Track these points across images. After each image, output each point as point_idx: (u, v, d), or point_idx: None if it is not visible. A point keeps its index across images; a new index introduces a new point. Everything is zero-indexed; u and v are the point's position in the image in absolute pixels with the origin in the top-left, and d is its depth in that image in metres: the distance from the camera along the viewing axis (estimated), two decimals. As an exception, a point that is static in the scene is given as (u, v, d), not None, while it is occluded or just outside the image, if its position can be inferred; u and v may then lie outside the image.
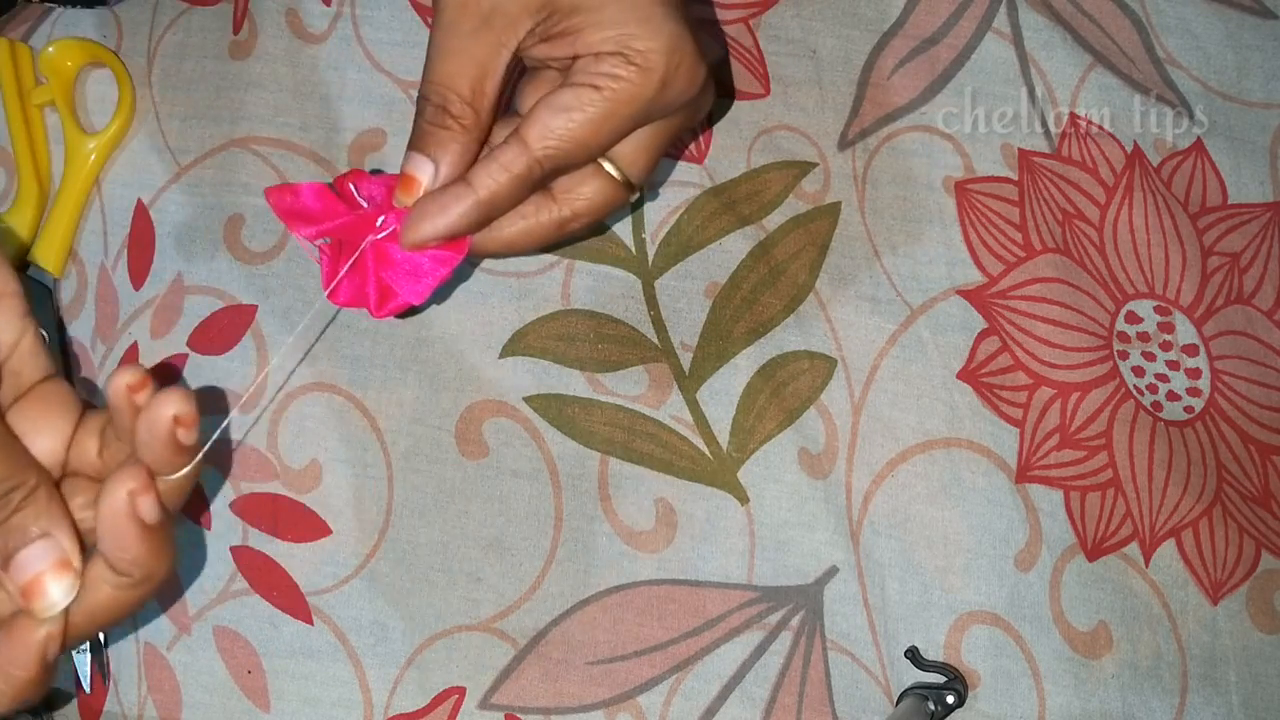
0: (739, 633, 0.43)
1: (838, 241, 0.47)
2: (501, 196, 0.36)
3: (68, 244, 0.46)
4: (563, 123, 0.35)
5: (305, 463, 0.44)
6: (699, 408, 0.45)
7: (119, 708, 0.43)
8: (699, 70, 0.36)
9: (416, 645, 0.43)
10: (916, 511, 0.45)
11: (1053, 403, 0.46)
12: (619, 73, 0.35)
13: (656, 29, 0.35)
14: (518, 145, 0.35)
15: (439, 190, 0.36)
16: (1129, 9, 0.51)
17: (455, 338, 0.46)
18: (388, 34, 0.49)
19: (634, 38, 0.35)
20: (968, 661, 0.43)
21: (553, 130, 0.35)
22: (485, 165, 0.35)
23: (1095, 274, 0.47)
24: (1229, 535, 0.45)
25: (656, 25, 0.35)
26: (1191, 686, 0.44)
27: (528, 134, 0.35)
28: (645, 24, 0.35)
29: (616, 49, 0.35)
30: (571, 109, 0.35)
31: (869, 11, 0.50)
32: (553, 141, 0.35)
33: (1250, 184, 0.50)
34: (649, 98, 0.35)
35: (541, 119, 0.35)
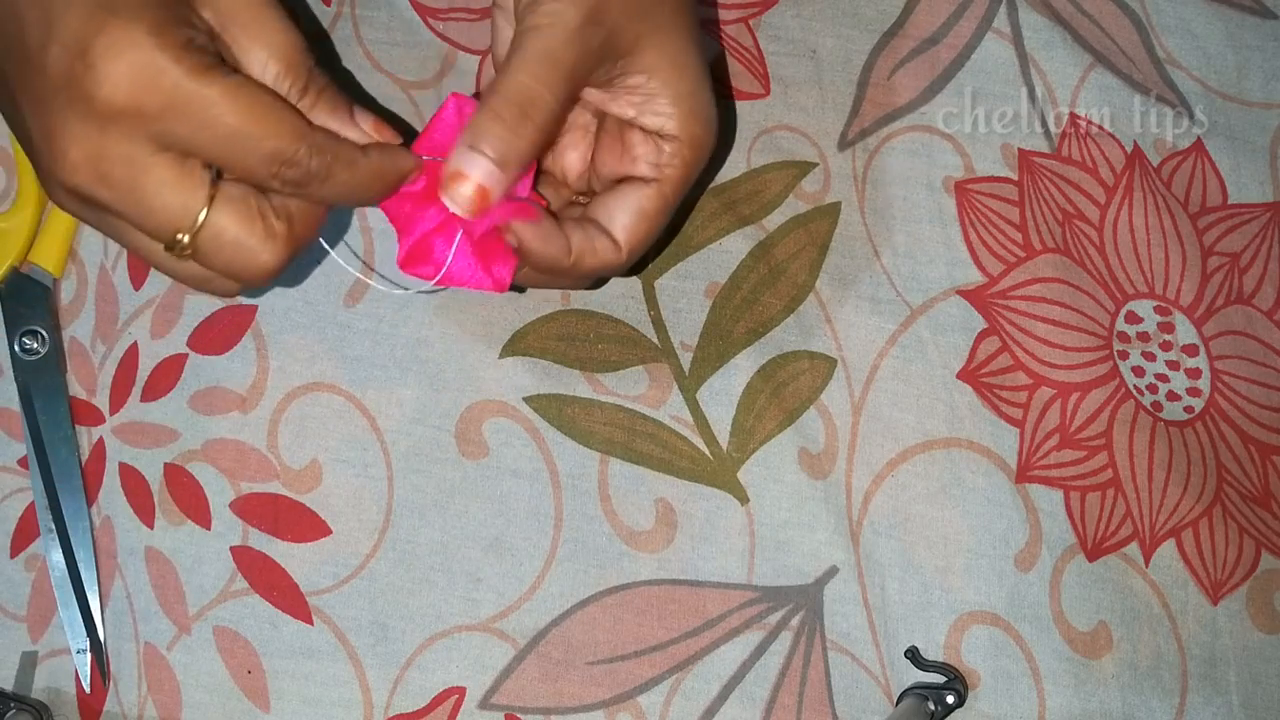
0: (739, 633, 0.43)
1: (838, 241, 0.47)
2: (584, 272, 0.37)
3: (67, 244, 0.46)
4: (645, 226, 0.38)
5: (305, 463, 0.44)
6: (699, 408, 0.45)
7: (119, 708, 0.43)
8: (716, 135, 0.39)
9: (416, 645, 0.43)
10: (916, 511, 0.45)
11: (1053, 403, 0.46)
12: (681, 162, 0.37)
13: (711, 112, 0.38)
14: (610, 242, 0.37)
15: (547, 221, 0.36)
16: (1129, 9, 0.51)
17: (455, 338, 0.46)
18: (388, 34, 0.49)
19: (698, 124, 0.37)
20: (968, 661, 0.43)
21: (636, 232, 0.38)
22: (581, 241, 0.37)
23: (1095, 274, 0.47)
24: (1229, 535, 0.45)
25: (711, 110, 0.38)
26: (1191, 686, 0.44)
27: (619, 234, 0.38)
28: (705, 112, 0.38)
29: (680, 134, 0.37)
30: (647, 213, 0.38)
31: (869, 11, 0.50)
32: (638, 239, 0.38)
33: (1250, 184, 0.50)
34: (695, 178, 0.38)
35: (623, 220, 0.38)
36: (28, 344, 0.44)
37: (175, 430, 0.44)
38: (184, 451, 0.44)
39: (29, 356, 0.44)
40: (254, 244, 0.32)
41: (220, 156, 0.31)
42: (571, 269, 0.37)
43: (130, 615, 0.43)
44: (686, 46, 0.37)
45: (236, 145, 0.30)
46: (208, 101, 0.30)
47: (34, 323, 0.44)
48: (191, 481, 0.44)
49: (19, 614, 0.43)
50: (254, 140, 0.30)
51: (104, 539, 0.44)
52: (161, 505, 0.44)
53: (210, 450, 0.44)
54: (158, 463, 0.44)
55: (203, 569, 0.44)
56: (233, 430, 0.44)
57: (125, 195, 0.31)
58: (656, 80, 0.37)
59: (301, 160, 0.31)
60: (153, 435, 0.45)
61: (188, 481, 0.44)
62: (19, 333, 0.44)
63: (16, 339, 0.44)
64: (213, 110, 0.30)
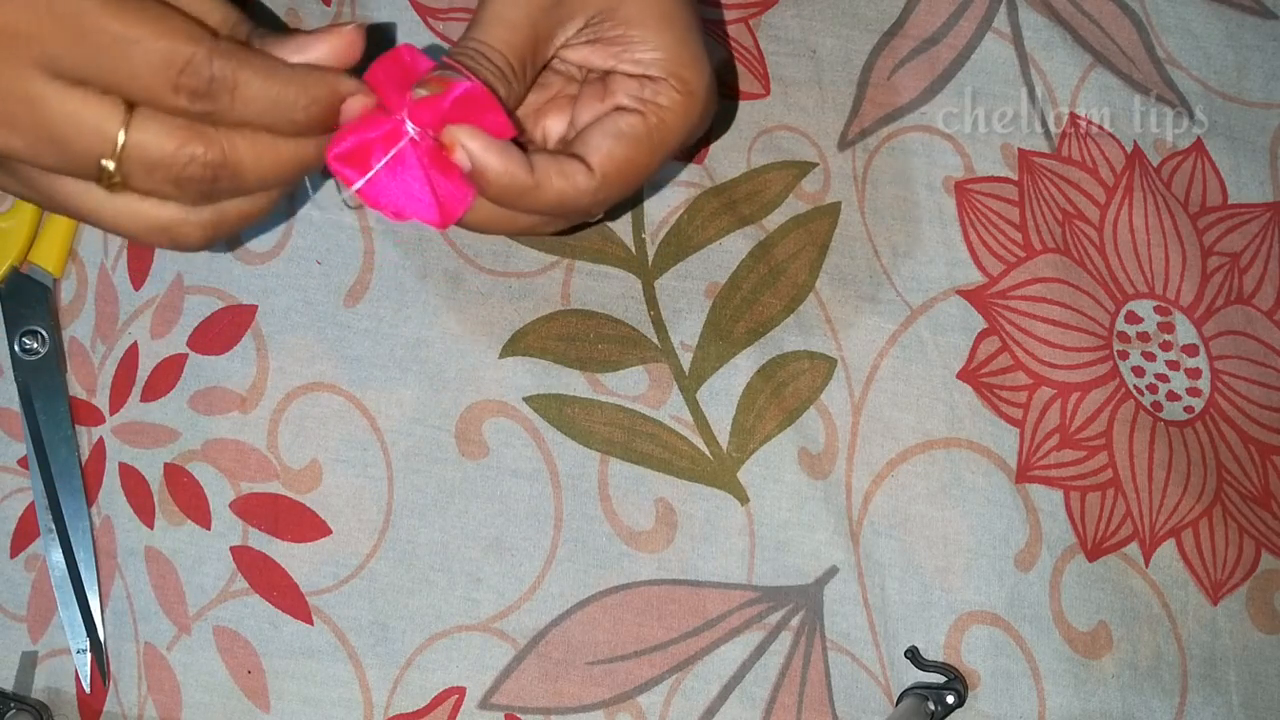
0: (739, 633, 0.43)
1: (838, 241, 0.47)
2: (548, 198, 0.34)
3: (67, 244, 0.46)
4: (623, 150, 0.35)
5: (305, 463, 0.44)
6: (699, 408, 0.45)
7: (119, 708, 0.43)
8: (714, 105, 0.37)
9: (416, 645, 0.43)
10: (916, 511, 0.45)
11: (1053, 403, 0.46)
12: (668, 101, 0.35)
13: (703, 63, 0.36)
14: (581, 165, 0.34)
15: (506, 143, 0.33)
16: (1129, 9, 0.51)
17: (455, 338, 0.46)
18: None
19: (685, 66, 0.35)
20: (968, 661, 0.43)
21: (613, 155, 0.35)
22: (544, 163, 0.34)
23: (1095, 274, 0.47)
24: (1229, 535, 0.45)
25: (703, 60, 0.36)
26: (1191, 686, 0.44)
27: (591, 157, 0.34)
28: (695, 58, 0.36)
29: (666, 74, 0.35)
30: (625, 136, 0.35)
31: (869, 11, 0.50)
32: (613, 166, 0.35)
33: (1250, 184, 0.50)
34: (693, 126, 0.36)
35: (598, 144, 0.35)
36: (28, 344, 0.44)
37: (175, 430, 0.45)
38: (184, 451, 0.44)
39: (29, 356, 0.44)
40: (190, 152, 0.29)
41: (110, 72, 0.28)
42: (535, 193, 0.33)
43: (130, 615, 0.43)
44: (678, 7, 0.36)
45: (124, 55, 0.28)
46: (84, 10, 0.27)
47: (34, 323, 0.44)
48: (191, 481, 0.44)
49: (19, 614, 0.43)
50: (141, 46, 0.28)
51: (104, 539, 0.44)
52: (161, 505, 0.44)
53: (210, 450, 0.44)
54: (158, 463, 0.44)
55: (203, 569, 0.44)
56: (233, 430, 0.44)
57: (34, 135, 0.28)
58: (637, 30, 0.35)
59: (201, 65, 0.28)
60: (153, 435, 0.45)
61: (188, 481, 0.44)
62: (19, 333, 0.44)
63: (16, 339, 0.44)
64: (89, 18, 0.27)
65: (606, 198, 0.35)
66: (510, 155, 0.33)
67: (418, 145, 0.32)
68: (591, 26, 0.36)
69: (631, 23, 0.35)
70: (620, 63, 0.36)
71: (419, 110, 0.32)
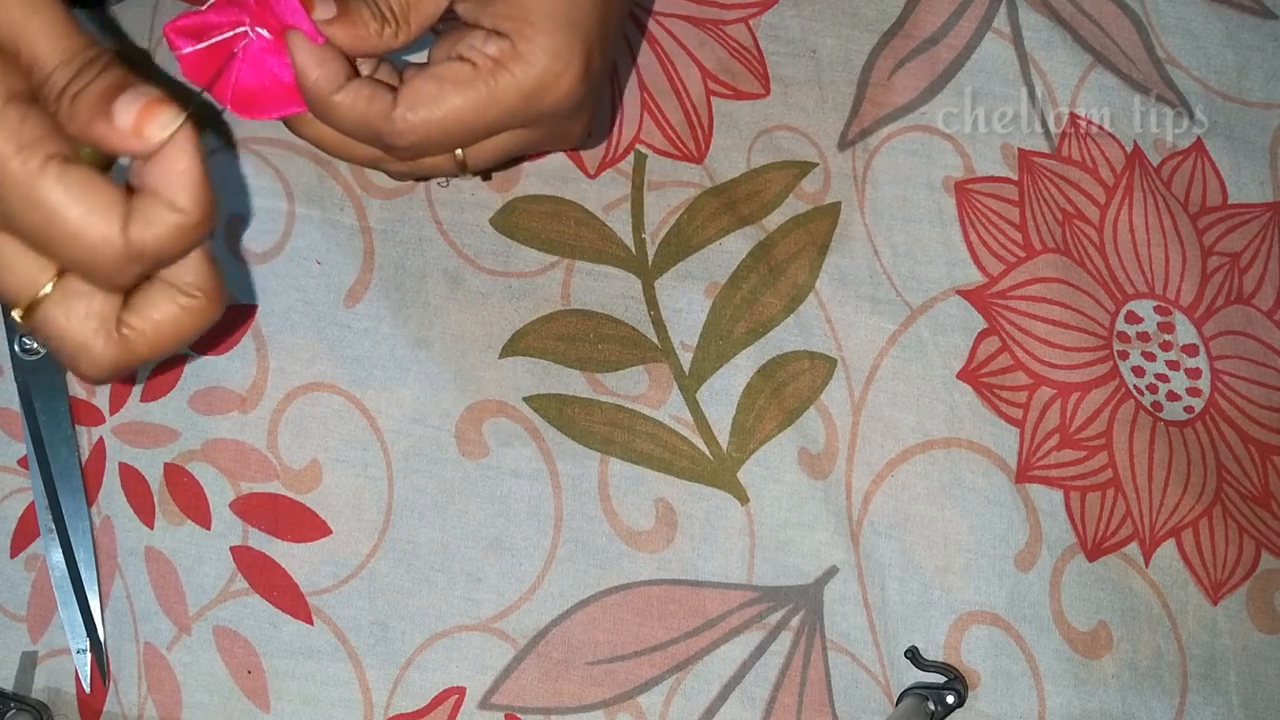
0: (739, 633, 0.43)
1: (838, 241, 0.47)
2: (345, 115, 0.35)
3: (68, 244, 0.46)
4: (433, 90, 0.34)
5: (305, 463, 0.44)
6: (699, 408, 0.45)
7: (119, 708, 0.43)
8: (580, 92, 0.36)
9: (416, 645, 0.43)
10: (916, 511, 0.45)
11: (1053, 403, 0.46)
12: (499, 57, 0.34)
13: (554, 28, 0.34)
14: (388, 95, 0.34)
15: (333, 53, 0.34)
16: (1129, 9, 0.51)
17: (455, 338, 0.46)
18: (388, 34, 0.49)
19: (529, 26, 0.34)
20: (968, 661, 0.43)
21: (421, 95, 0.34)
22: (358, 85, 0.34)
23: (1095, 274, 0.47)
24: (1229, 535, 0.45)
25: (556, 25, 0.34)
26: (1191, 686, 0.44)
27: (401, 91, 0.35)
28: (547, 19, 0.34)
29: (509, 32, 0.34)
30: (444, 80, 0.34)
31: (869, 11, 0.50)
32: (420, 108, 0.34)
33: (1250, 184, 0.50)
34: (524, 94, 0.35)
35: (414, 83, 0.34)
36: (28, 344, 0.44)
37: (175, 430, 0.45)
38: (184, 451, 0.44)
39: (29, 356, 0.44)
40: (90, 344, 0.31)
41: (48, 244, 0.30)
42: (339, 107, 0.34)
43: (130, 615, 0.43)
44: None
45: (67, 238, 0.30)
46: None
47: (34, 323, 0.44)
48: (191, 481, 0.44)
49: (19, 614, 0.43)
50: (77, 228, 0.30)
51: (104, 539, 0.44)
52: (161, 505, 0.44)
53: (210, 450, 0.44)
54: (158, 463, 0.44)
55: (203, 569, 0.44)
56: (233, 430, 0.44)
57: None
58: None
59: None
60: (153, 435, 0.45)
61: (188, 481, 0.44)
62: (19, 333, 0.44)
63: (16, 339, 0.44)
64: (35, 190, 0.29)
65: (406, 134, 0.35)
66: (325, 64, 0.34)
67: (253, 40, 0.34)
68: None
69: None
70: (481, 14, 0.35)
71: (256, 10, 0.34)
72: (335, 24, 0.34)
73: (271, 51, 0.34)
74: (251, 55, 0.34)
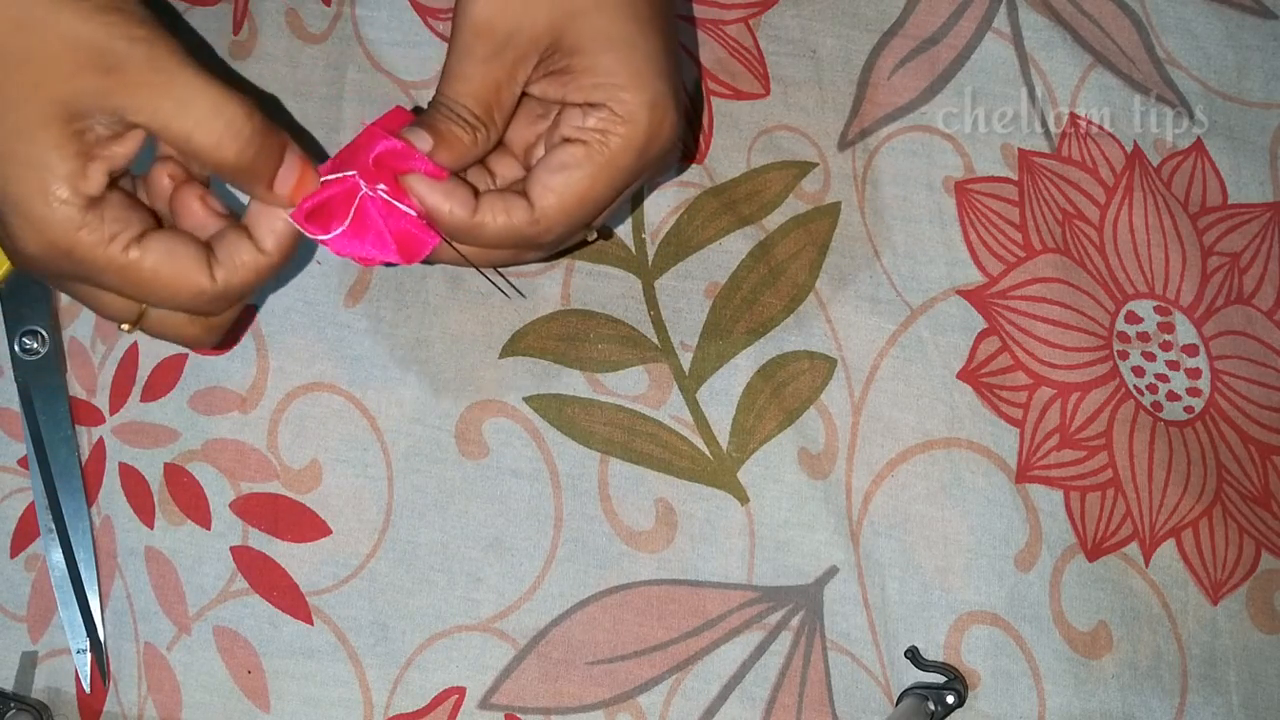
0: (739, 633, 0.43)
1: (838, 241, 0.47)
2: (492, 232, 0.36)
3: (68, 244, 0.46)
4: (561, 181, 0.36)
5: (305, 463, 0.44)
6: (699, 408, 0.45)
7: (119, 708, 0.43)
8: (679, 126, 0.37)
9: (416, 645, 0.43)
10: (916, 511, 0.45)
11: (1053, 403, 0.46)
12: (605, 127, 0.36)
13: (643, 83, 0.36)
14: (522, 200, 0.36)
15: (454, 181, 0.36)
16: (1129, 9, 0.51)
17: (455, 338, 0.46)
18: (388, 34, 0.49)
19: (621, 89, 0.35)
20: (968, 661, 0.43)
21: (551, 188, 0.36)
22: (491, 201, 0.36)
23: (1095, 274, 0.47)
24: (1229, 535, 0.45)
25: (643, 80, 0.36)
26: (1191, 686, 0.44)
27: (531, 190, 0.36)
28: (634, 77, 0.35)
29: (605, 100, 0.36)
30: (568, 166, 0.36)
31: (869, 11, 0.50)
32: (553, 199, 0.36)
33: (1250, 184, 0.50)
34: (637, 151, 0.36)
35: (540, 178, 0.36)
36: (28, 344, 0.44)
37: (175, 430, 0.45)
38: (184, 451, 0.44)
39: (29, 356, 0.44)
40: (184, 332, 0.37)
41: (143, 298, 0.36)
42: (480, 228, 0.36)
43: (130, 615, 0.43)
44: (624, 24, 0.36)
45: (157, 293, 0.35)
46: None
47: (34, 323, 0.44)
48: (191, 481, 0.44)
49: (19, 614, 0.43)
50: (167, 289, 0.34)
51: (104, 539, 0.44)
52: (161, 505, 0.44)
53: (210, 450, 0.44)
54: (158, 463, 0.44)
55: (203, 569, 0.44)
56: (233, 430, 0.44)
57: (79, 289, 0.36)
58: (578, 58, 0.35)
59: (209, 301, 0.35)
60: (153, 435, 0.45)
61: (188, 481, 0.44)
62: (19, 333, 0.44)
63: (16, 339, 0.44)
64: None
65: (551, 228, 0.36)
66: (453, 195, 0.35)
67: (373, 198, 0.35)
68: (545, 61, 0.36)
69: (574, 51, 0.36)
70: (567, 92, 0.36)
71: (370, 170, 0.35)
72: (436, 151, 0.36)
73: (397, 199, 0.35)
74: (381, 209, 0.35)
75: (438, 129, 0.36)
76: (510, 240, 0.36)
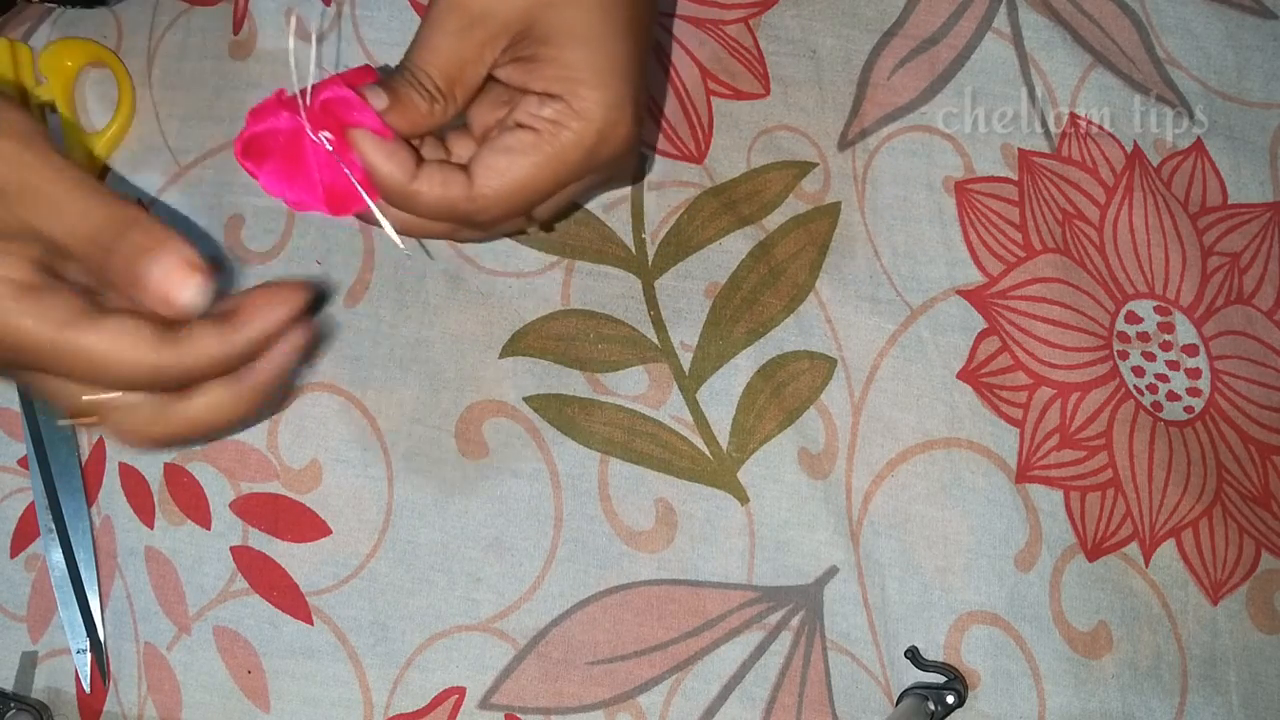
0: (739, 633, 0.43)
1: (838, 241, 0.47)
2: (427, 201, 0.36)
3: (68, 244, 0.46)
4: (504, 162, 0.36)
5: (305, 463, 0.44)
6: (699, 408, 0.45)
7: (119, 708, 0.43)
8: (634, 136, 0.37)
9: (416, 645, 0.43)
10: (916, 511, 0.45)
11: (1053, 403, 0.46)
12: (559, 119, 0.36)
13: (604, 82, 0.36)
14: (462, 175, 0.36)
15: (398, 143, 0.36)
16: (1129, 9, 0.51)
17: (455, 338, 0.46)
18: (388, 34, 0.49)
19: (581, 84, 0.36)
20: (968, 661, 0.43)
21: (494, 168, 0.36)
22: (431, 170, 0.36)
23: (1095, 274, 0.47)
24: (1229, 535, 0.45)
25: (605, 79, 0.36)
26: (1191, 686, 0.44)
27: (474, 168, 0.36)
28: (596, 75, 0.36)
29: (562, 93, 0.36)
30: (513, 150, 0.36)
31: (869, 11, 0.50)
32: (494, 180, 0.36)
33: (1250, 184, 0.50)
34: (587, 148, 0.36)
35: (484, 158, 0.36)
36: (28, 344, 0.44)
37: (175, 430, 0.44)
38: (184, 451, 0.44)
39: (29, 356, 0.44)
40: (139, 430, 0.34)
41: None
42: (417, 196, 0.36)
43: (130, 615, 0.43)
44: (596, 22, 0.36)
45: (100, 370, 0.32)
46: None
47: (34, 323, 0.44)
48: (191, 481, 0.44)
49: (19, 614, 0.43)
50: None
51: (104, 539, 0.44)
52: (161, 505, 0.44)
53: (210, 450, 0.44)
54: (158, 463, 0.44)
55: (203, 569, 0.44)
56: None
57: None
58: (546, 49, 0.36)
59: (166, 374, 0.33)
60: (153, 435, 0.45)
61: (188, 481, 0.44)
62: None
63: (16, 339, 0.44)
64: None
65: (487, 208, 0.36)
66: (394, 156, 0.35)
67: (315, 144, 0.35)
68: (514, 46, 0.36)
69: (543, 41, 0.36)
70: (530, 80, 0.36)
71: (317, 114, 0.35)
72: (390, 112, 0.35)
73: (338, 150, 0.35)
74: (321, 158, 0.35)
75: (396, 91, 0.35)
76: (445, 213, 0.36)
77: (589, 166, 0.37)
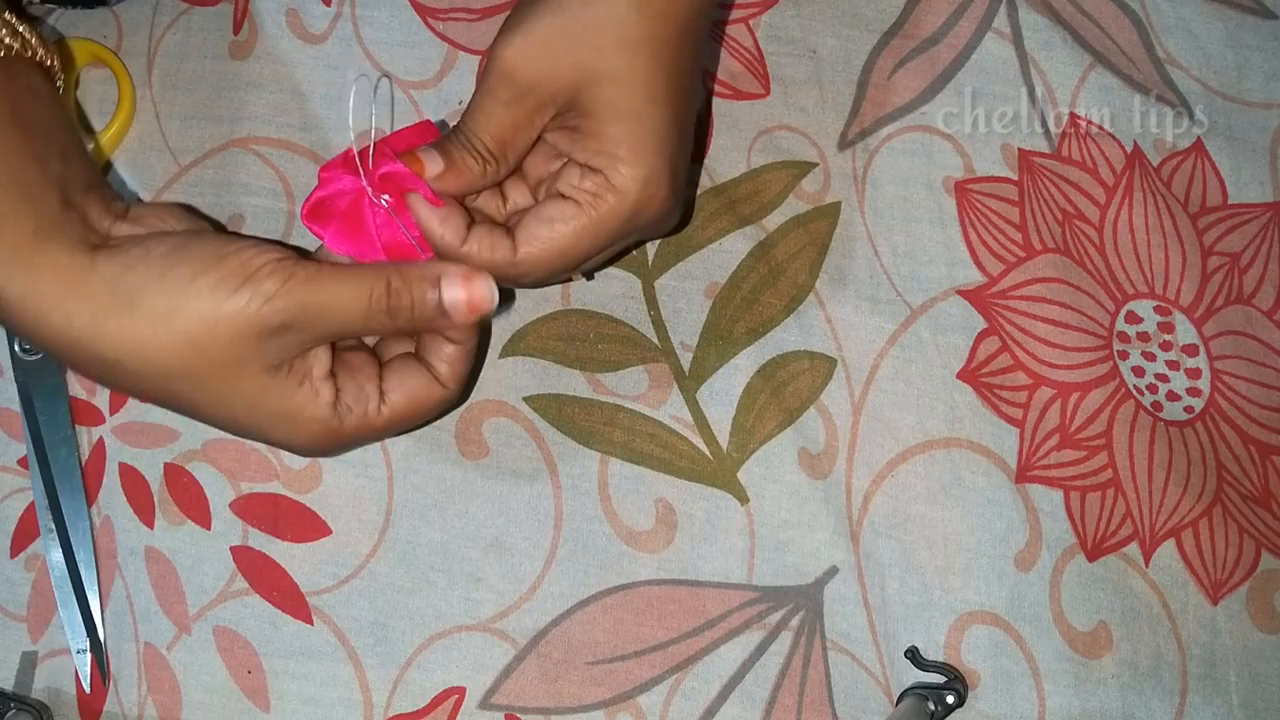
0: (739, 633, 0.43)
1: (838, 241, 0.47)
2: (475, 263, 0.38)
3: (68, 244, 0.46)
4: (546, 232, 0.38)
5: (305, 462, 0.44)
6: (699, 408, 0.45)
7: (119, 708, 0.43)
8: (670, 204, 0.39)
9: (416, 645, 0.43)
10: (916, 511, 0.45)
11: (1053, 403, 0.46)
12: (598, 192, 0.38)
13: (641, 159, 0.38)
14: (508, 240, 0.38)
15: (450, 209, 0.38)
16: (1129, 9, 0.51)
17: (455, 338, 0.46)
18: (388, 34, 0.49)
19: (619, 161, 0.38)
20: (968, 661, 0.43)
21: (536, 236, 0.38)
22: (480, 234, 0.38)
23: (1095, 274, 0.47)
24: (1229, 535, 0.45)
25: (642, 157, 0.38)
26: (1191, 686, 0.44)
27: (518, 234, 0.38)
28: (634, 153, 0.38)
29: (602, 167, 0.38)
30: (555, 220, 0.38)
31: (869, 11, 0.50)
32: (535, 246, 0.38)
33: (1250, 184, 0.50)
34: (624, 219, 0.38)
35: (528, 226, 0.38)
36: (27, 344, 0.44)
37: (175, 430, 0.45)
38: (184, 451, 0.44)
39: (29, 356, 0.44)
40: None
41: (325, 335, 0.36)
42: (466, 258, 0.38)
43: (130, 615, 0.43)
44: (636, 99, 0.38)
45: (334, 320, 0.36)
46: None
47: (34, 323, 0.44)
48: (191, 481, 0.44)
49: (19, 614, 0.43)
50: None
51: (104, 539, 0.44)
52: (161, 505, 0.44)
53: (210, 450, 0.44)
54: (158, 463, 0.44)
55: (203, 569, 0.44)
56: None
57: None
58: (589, 121, 0.38)
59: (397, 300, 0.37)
60: (153, 435, 0.45)
61: (188, 481, 0.44)
62: (19, 333, 0.44)
63: (17, 339, 0.44)
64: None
65: (530, 272, 0.39)
66: (447, 222, 0.38)
67: (374, 207, 0.37)
68: (561, 115, 0.38)
69: (587, 114, 0.38)
70: (574, 150, 0.38)
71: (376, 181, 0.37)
72: (445, 176, 0.38)
73: (397, 210, 0.37)
74: (380, 217, 0.37)
75: (451, 155, 0.38)
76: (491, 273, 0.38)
77: (626, 231, 0.39)
